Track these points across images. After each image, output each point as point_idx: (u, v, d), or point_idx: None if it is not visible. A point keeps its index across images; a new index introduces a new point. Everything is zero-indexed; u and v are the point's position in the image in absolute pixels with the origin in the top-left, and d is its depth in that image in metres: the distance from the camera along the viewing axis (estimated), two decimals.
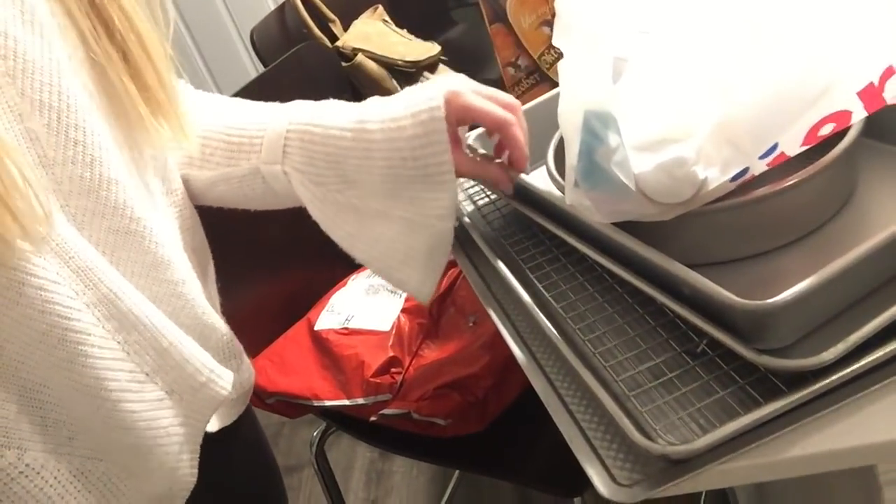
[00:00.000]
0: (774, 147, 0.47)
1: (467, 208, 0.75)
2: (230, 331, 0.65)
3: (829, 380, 0.42)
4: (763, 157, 0.47)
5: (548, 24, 0.90)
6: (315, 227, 0.66)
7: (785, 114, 0.45)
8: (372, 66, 1.41)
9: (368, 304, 1.01)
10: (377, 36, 1.49)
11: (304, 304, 1.10)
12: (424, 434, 0.88)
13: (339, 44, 1.42)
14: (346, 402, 0.91)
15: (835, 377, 0.42)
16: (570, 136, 0.51)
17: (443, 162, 0.58)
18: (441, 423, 0.85)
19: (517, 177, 0.63)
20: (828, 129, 0.48)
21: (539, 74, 0.94)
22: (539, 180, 0.63)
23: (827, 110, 0.46)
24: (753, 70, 0.45)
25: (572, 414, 0.49)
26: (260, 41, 1.41)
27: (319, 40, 1.42)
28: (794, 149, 0.48)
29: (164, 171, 0.60)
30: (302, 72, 1.25)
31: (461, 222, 0.72)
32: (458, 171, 0.60)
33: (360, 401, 0.90)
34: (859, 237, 0.52)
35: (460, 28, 1.87)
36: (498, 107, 0.60)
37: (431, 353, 0.93)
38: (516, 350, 0.56)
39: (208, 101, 0.69)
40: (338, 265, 1.18)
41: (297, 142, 0.61)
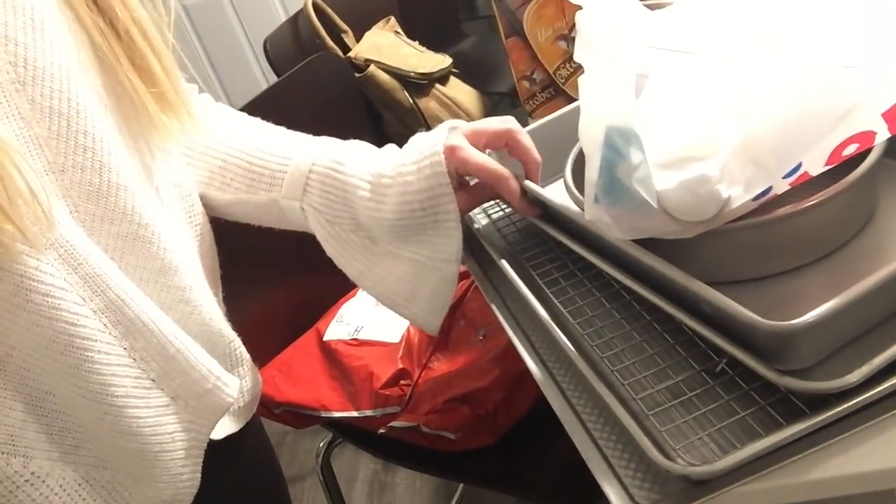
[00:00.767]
0: (798, 167, 0.47)
1: (482, 221, 0.75)
2: (238, 338, 0.65)
3: (852, 402, 0.42)
4: (786, 176, 0.47)
5: (564, 39, 0.90)
6: None
7: (809, 133, 0.45)
8: (384, 77, 1.41)
9: (378, 315, 1.01)
10: (389, 47, 1.49)
11: (313, 313, 1.10)
12: (433, 447, 0.88)
13: (351, 55, 1.42)
14: (355, 414, 0.91)
15: (858, 399, 0.42)
16: (591, 152, 0.51)
17: (449, 210, 0.63)
18: (450, 436, 0.85)
19: (530, 191, 0.63)
20: (851, 150, 0.48)
21: (554, 88, 0.94)
22: (555, 194, 0.63)
23: (851, 130, 0.46)
24: (777, 88, 0.45)
25: (589, 431, 0.49)
26: (273, 51, 1.41)
27: (332, 51, 1.42)
28: (817, 168, 0.48)
29: (176, 177, 0.60)
30: (315, 82, 1.25)
31: (476, 235, 0.72)
32: (464, 210, 0.64)
33: (368, 412, 0.90)
34: (881, 257, 0.52)
35: (471, 41, 1.88)
36: (492, 162, 0.63)
37: (441, 366, 0.93)
38: (532, 365, 0.55)
39: (231, 117, 0.70)
40: (346, 276, 1.18)
41: (318, 183, 0.64)
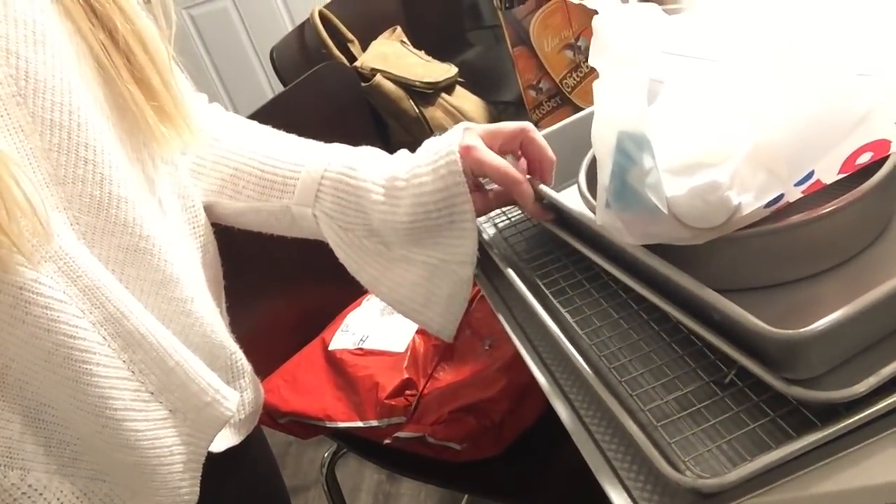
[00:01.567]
0: (811, 174, 0.46)
1: (488, 231, 0.74)
2: (240, 350, 0.65)
3: (863, 413, 0.41)
4: (799, 184, 0.46)
5: (570, 48, 0.90)
6: (328, 247, 0.67)
7: (822, 141, 0.44)
8: (390, 86, 1.41)
9: (383, 324, 1.00)
10: (395, 57, 1.49)
11: (318, 323, 1.09)
12: (438, 458, 0.87)
13: (357, 64, 1.42)
14: (360, 424, 0.90)
15: (869, 411, 0.41)
16: (603, 157, 0.51)
17: (465, 210, 0.62)
18: (456, 447, 0.84)
19: (545, 196, 0.63)
20: (866, 158, 0.47)
21: (561, 97, 0.93)
22: (568, 200, 0.62)
23: (865, 139, 0.45)
24: (791, 95, 0.44)
25: (597, 442, 0.48)
26: (280, 60, 1.42)
27: (338, 60, 1.43)
28: (831, 176, 0.47)
29: (179, 188, 0.60)
30: (321, 91, 1.26)
31: (483, 244, 0.71)
32: (478, 213, 0.63)
33: (373, 423, 0.89)
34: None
35: (477, 50, 1.88)
36: (508, 165, 0.62)
37: (447, 376, 0.92)
38: (539, 375, 0.55)
39: (242, 126, 0.70)
40: (352, 284, 1.18)
41: (331, 189, 0.63)
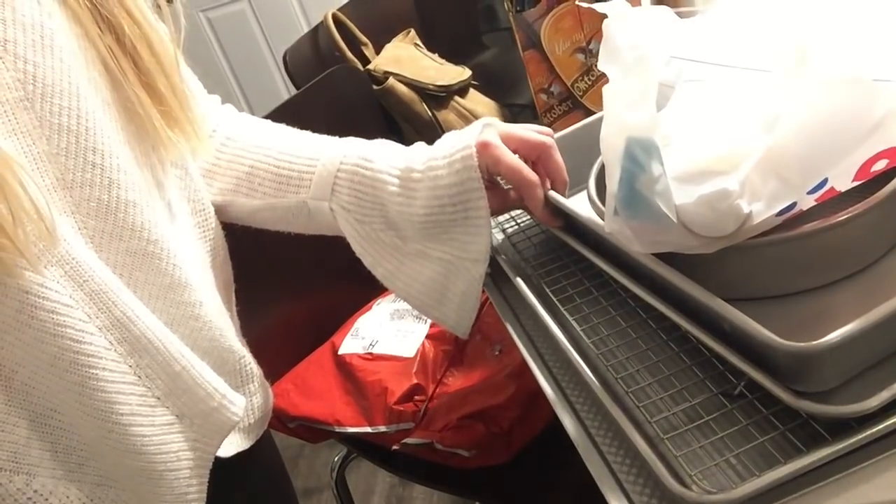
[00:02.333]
0: (824, 182, 0.45)
1: (497, 237, 0.73)
2: (249, 354, 0.64)
3: (875, 429, 0.40)
4: (812, 191, 0.45)
5: (581, 52, 0.89)
6: (340, 250, 0.67)
7: (836, 148, 0.43)
8: (403, 89, 1.40)
9: (393, 329, 1.00)
10: (409, 60, 1.49)
11: (328, 326, 1.09)
12: (447, 464, 0.86)
13: (370, 67, 1.42)
14: (369, 430, 0.89)
15: (882, 426, 0.40)
16: (612, 163, 0.50)
17: (479, 207, 0.61)
18: (465, 454, 0.83)
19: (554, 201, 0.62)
20: (881, 166, 0.46)
21: (572, 101, 0.92)
22: (577, 206, 0.61)
23: (880, 146, 0.44)
24: (804, 101, 0.43)
25: (603, 455, 0.47)
26: (292, 63, 1.42)
27: (351, 63, 1.42)
28: (845, 184, 0.46)
29: (189, 192, 0.60)
30: (334, 94, 1.25)
31: (491, 250, 0.71)
32: (493, 211, 0.63)
33: (382, 428, 0.89)
34: None
35: (492, 52, 1.87)
36: (523, 166, 0.61)
37: (456, 382, 0.91)
38: (545, 385, 0.54)
39: (255, 124, 0.70)
40: (363, 288, 1.18)
41: (347, 181, 0.63)
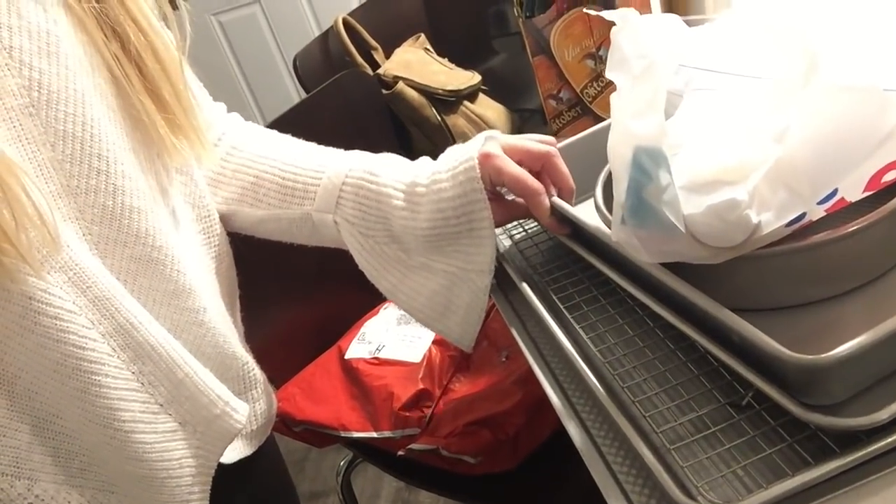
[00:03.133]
0: (834, 193, 0.45)
1: (504, 243, 0.73)
2: (253, 360, 0.65)
3: (885, 441, 0.39)
4: (822, 202, 0.45)
5: (591, 58, 0.89)
6: (347, 254, 0.67)
7: (846, 158, 0.43)
8: (412, 94, 1.41)
9: (400, 333, 1.00)
10: (418, 64, 1.49)
11: (335, 330, 1.09)
12: (453, 470, 0.86)
13: (380, 71, 1.42)
14: (374, 435, 0.89)
15: (892, 438, 0.39)
16: (619, 172, 0.50)
17: (483, 218, 0.61)
18: (470, 460, 0.83)
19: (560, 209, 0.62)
20: (892, 176, 0.46)
21: (581, 107, 0.92)
22: (584, 214, 0.61)
23: (891, 156, 0.44)
24: (814, 111, 0.43)
25: (608, 464, 0.47)
26: (303, 68, 1.42)
27: (361, 68, 1.43)
28: (856, 195, 0.46)
29: (194, 198, 0.60)
30: (343, 99, 1.26)
31: (498, 256, 0.70)
32: (497, 222, 0.62)
33: (388, 434, 0.88)
34: None
35: (502, 57, 1.87)
36: (527, 175, 0.61)
37: (462, 388, 0.91)
38: (551, 392, 0.54)
39: (261, 134, 0.70)
40: (370, 292, 1.18)
41: (352, 195, 0.63)
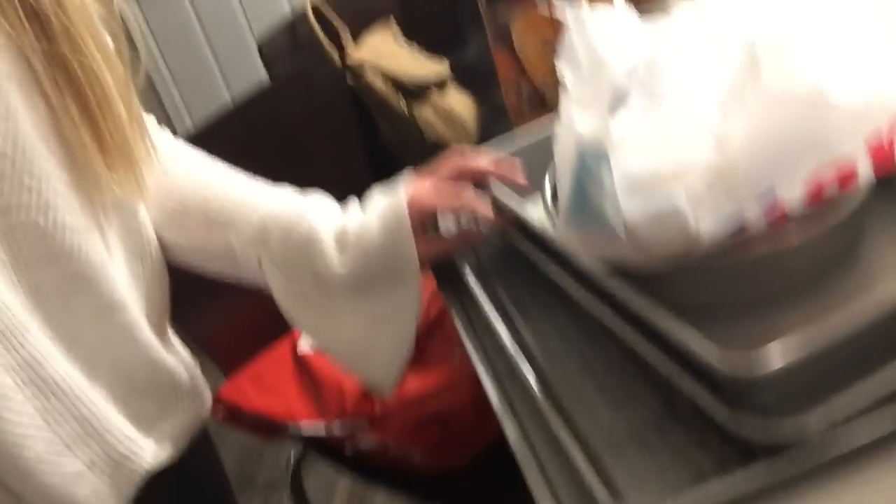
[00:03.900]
0: (774, 201, 0.44)
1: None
2: (189, 363, 0.64)
3: (810, 450, 0.39)
4: (762, 210, 0.44)
5: (553, 51, 0.88)
6: None
7: (786, 164, 0.42)
8: (379, 84, 1.39)
9: None
10: (387, 52, 1.48)
11: None
12: (402, 467, 0.85)
13: (347, 58, 1.40)
14: (322, 428, 0.88)
15: (818, 448, 0.39)
16: (564, 170, 0.49)
17: (409, 260, 0.61)
18: (418, 456, 0.82)
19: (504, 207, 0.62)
20: (832, 184, 0.46)
21: (542, 102, 0.91)
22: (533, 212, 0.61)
23: (826, 161, 0.43)
24: (755, 116, 0.42)
25: (542, 465, 0.47)
26: (269, 53, 1.40)
27: (329, 53, 1.41)
28: (795, 202, 0.45)
29: (127, 212, 0.58)
30: (307, 88, 1.24)
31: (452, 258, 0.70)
32: (422, 261, 0.63)
33: (336, 427, 0.87)
34: (863, 298, 0.49)
35: (473, 48, 1.86)
36: (450, 196, 0.62)
37: (413, 382, 0.90)
38: (490, 391, 0.53)
39: (196, 162, 0.68)
40: None
41: (278, 236, 0.62)
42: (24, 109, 0.47)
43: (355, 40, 1.50)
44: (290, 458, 1.05)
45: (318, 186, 0.70)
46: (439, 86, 1.47)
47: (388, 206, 0.62)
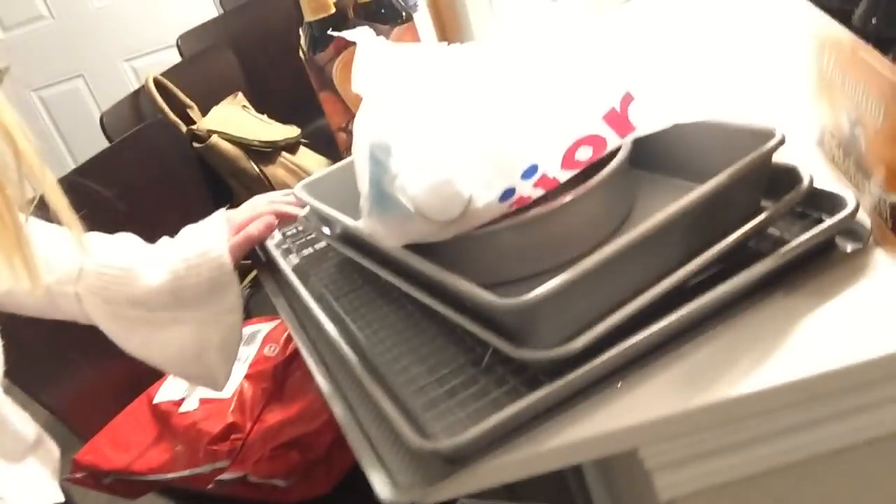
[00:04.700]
0: (535, 168, 0.52)
1: (289, 255, 0.77)
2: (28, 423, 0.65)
3: (583, 370, 0.45)
4: (525, 177, 0.51)
5: None
6: None
7: (535, 136, 0.50)
8: (226, 146, 1.42)
9: None
10: (235, 119, 1.51)
11: (149, 380, 1.06)
12: (267, 499, 0.86)
13: (194, 127, 1.43)
14: (185, 473, 0.88)
15: (588, 367, 0.45)
16: (361, 167, 0.55)
17: (221, 264, 0.66)
18: (281, 483, 0.83)
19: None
20: (586, 154, 0.54)
21: None
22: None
23: (577, 134, 0.51)
24: (505, 99, 0.50)
25: (365, 432, 0.50)
26: (110, 126, 1.41)
27: (171, 120, 1.43)
28: (556, 171, 0.53)
29: None
30: (147, 150, 1.26)
31: (280, 269, 0.74)
32: (237, 259, 0.68)
33: (197, 470, 0.87)
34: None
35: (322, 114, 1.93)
36: (255, 220, 0.71)
37: (274, 416, 0.91)
38: (318, 376, 0.57)
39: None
40: None
41: (94, 269, 0.66)
42: None
43: (203, 113, 1.54)
44: None
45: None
46: (289, 148, 1.52)
47: (202, 224, 0.68)
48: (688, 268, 0.48)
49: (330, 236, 0.71)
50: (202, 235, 0.67)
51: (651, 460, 0.46)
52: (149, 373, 1.07)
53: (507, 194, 0.52)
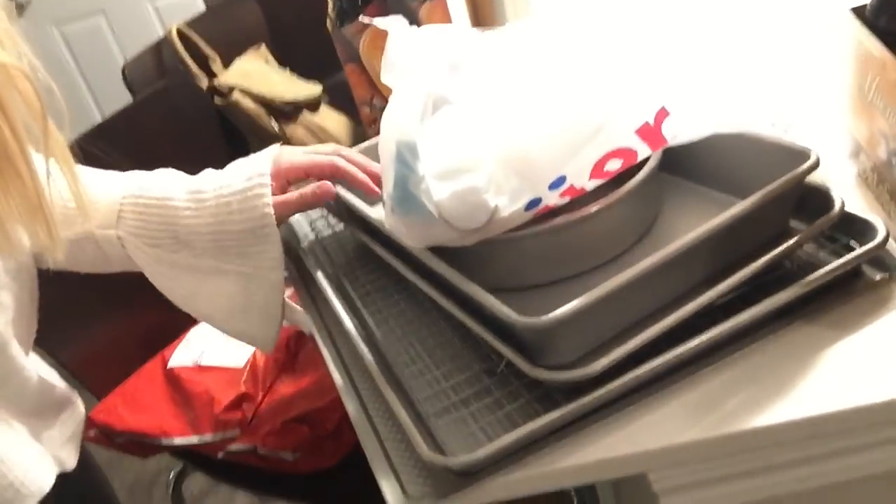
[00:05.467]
0: (563, 179, 0.51)
1: (309, 236, 0.76)
2: (54, 381, 0.65)
3: (599, 392, 0.45)
4: (553, 188, 0.51)
5: None
6: None
7: (566, 148, 0.49)
8: (248, 103, 1.41)
9: (224, 340, 1.00)
10: (258, 74, 1.50)
11: (162, 340, 1.08)
12: (274, 469, 0.87)
13: (216, 81, 1.42)
14: (195, 440, 0.89)
15: (604, 390, 0.45)
16: (387, 165, 0.54)
17: (265, 215, 0.62)
18: (289, 457, 0.85)
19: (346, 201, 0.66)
20: (615, 165, 0.53)
21: None
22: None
23: (607, 146, 0.50)
24: (537, 109, 0.49)
25: (378, 434, 0.51)
26: (133, 77, 1.40)
27: (196, 77, 1.42)
28: (584, 181, 0.52)
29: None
30: (168, 107, 1.25)
31: (300, 252, 0.74)
32: (283, 216, 0.64)
33: (208, 437, 0.89)
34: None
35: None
36: (320, 156, 0.66)
37: (286, 388, 0.93)
38: (334, 371, 0.57)
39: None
40: None
41: (132, 206, 0.63)
42: None
43: (226, 65, 1.52)
44: (169, 477, 1.04)
45: None
46: (311, 106, 1.50)
47: (251, 162, 0.64)
48: (712, 293, 0.48)
49: (354, 223, 0.70)
50: (248, 171, 0.63)
51: (659, 483, 0.47)
52: (163, 334, 1.09)
53: (533, 204, 0.51)
